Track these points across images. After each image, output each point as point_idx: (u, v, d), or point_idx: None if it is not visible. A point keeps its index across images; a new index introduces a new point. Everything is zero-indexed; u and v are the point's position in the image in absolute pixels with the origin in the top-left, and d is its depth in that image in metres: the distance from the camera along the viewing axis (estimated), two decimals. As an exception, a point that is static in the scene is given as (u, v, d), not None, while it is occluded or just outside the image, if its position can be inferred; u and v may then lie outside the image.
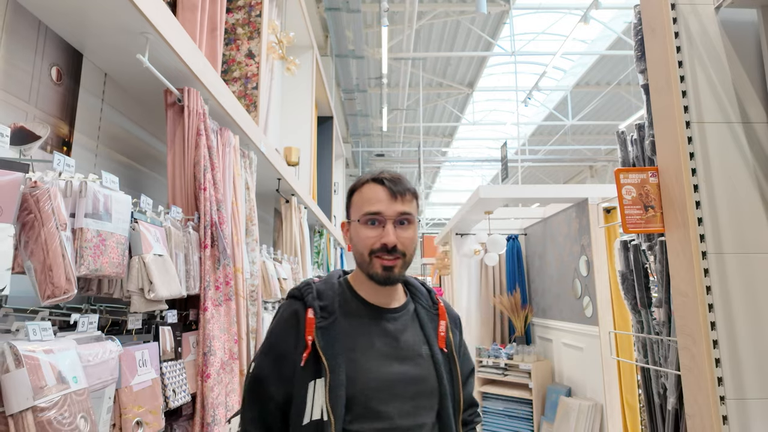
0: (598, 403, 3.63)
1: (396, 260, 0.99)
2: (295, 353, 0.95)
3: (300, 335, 0.96)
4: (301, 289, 1.02)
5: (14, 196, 0.96)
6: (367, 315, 1.02)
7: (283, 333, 0.98)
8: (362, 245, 1.00)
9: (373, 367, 0.96)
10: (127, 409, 1.24)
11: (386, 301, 1.05)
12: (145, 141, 1.99)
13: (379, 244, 0.98)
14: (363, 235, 1.00)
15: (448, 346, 1.05)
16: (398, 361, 0.98)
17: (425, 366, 1.00)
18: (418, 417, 0.97)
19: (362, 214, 1.00)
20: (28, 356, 0.94)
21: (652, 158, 1.61)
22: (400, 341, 1.01)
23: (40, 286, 1.02)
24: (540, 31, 9.81)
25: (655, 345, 1.76)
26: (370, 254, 0.99)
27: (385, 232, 0.98)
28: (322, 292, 1.01)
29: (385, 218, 0.99)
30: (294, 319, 0.99)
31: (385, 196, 1.00)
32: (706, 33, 1.41)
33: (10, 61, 1.30)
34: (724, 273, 1.30)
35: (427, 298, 1.12)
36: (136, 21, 1.39)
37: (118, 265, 1.24)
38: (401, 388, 0.96)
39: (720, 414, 1.23)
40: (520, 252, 5.22)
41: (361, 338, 0.98)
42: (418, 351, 1.01)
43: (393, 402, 0.95)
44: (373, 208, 0.99)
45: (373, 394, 0.94)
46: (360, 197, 1.04)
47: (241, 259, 2.01)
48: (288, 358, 0.96)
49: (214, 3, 2.21)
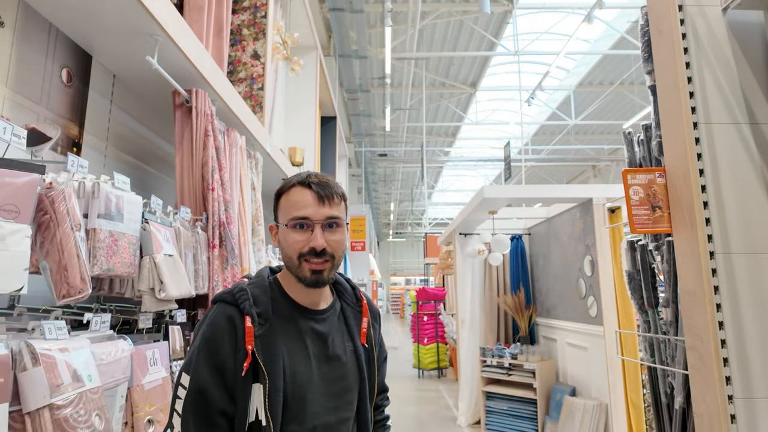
0: (602, 402, 3.63)
1: (325, 263, 1.00)
2: (235, 360, 0.94)
3: (239, 343, 0.94)
4: (235, 294, 1.00)
5: (31, 197, 0.97)
6: (298, 317, 1.03)
7: (220, 340, 0.95)
8: (291, 249, 1.00)
9: (305, 369, 0.99)
10: (139, 407, 1.26)
11: (315, 302, 1.06)
12: (154, 142, 2.00)
13: (307, 247, 0.98)
14: (291, 239, 1.00)
15: (369, 342, 1.11)
16: (326, 362, 1.02)
17: (349, 364, 1.06)
18: (341, 412, 1.02)
19: (290, 218, 1.00)
20: (44, 355, 0.95)
21: (659, 159, 1.62)
22: (328, 341, 1.04)
23: (56, 286, 1.03)
24: (543, 31, 9.81)
25: (662, 344, 1.76)
26: (299, 257, 0.99)
27: (313, 236, 0.99)
28: (257, 298, 1.00)
29: (313, 222, 0.99)
30: (230, 325, 0.96)
31: (312, 200, 1.00)
32: (714, 34, 1.41)
33: (22, 63, 1.31)
34: (732, 273, 1.30)
35: (351, 295, 1.15)
36: (146, 23, 1.40)
37: (129, 264, 1.26)
38: (328, 387, 1.01)
39: (728, 413, 1.23)
40: (524, 252, 5.22)
41: (293, 341, 1.00)
42: (344, 349, 1.06)
43: (321, 401, 0.99)
44: (301, 213, 0.99)
45: (305, 395, 0.97)
46: (287, 201, 1.03)
47: (248, 259, 2.02)
48: (228, 364, 0.94)
49: (220, 4, 2.22)
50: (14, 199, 0.94)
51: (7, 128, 0.96)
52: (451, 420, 5.23)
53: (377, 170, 16.27)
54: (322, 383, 1.00)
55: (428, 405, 5.99)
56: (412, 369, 8.53)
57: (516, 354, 4.56)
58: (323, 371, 1.01)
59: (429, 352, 8.12)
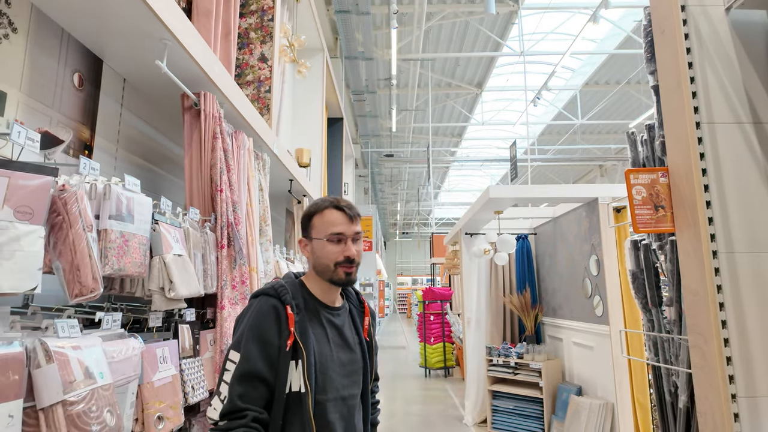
0: (609, 402, 3.63)
1: (353, 267, 1.27)
2: (279, 340, 1.17)
3: (282, 326, 1.19)
4: (276, 289, 1.24)
5: (44, 199, 1.00)
6: (321, 311, 1.29)
7: (266, 324, 1.18)
8: (328, 259, 1.26)
9: (328, 352, 1.24)
10: (149, 404, 1.29)
11: (332, 300, 1.33)
12: (163, 144, 2.03)
13: (342, 257, 1.25)
14: (329, 250, 1.26)
15: (370, 336, 1.39)
16: (341, 348, 1.28)
17: (357, 351, 1.32)
18: (352, 389, 1.29)
19: (329, 234, 1.26)
20: (57, 352, 0.98)
21: (662, 158, 1.62)
22: (343, 332, 1.31)
23: (69, 285, 1.06)
24: (549, 31, 9.78)
25: (666, 343, 1.77)
26: (336, 265, 1.25)
27: (347, 248, 1.26)
28: (293, 293, 1.25)
29: (346, 236, 1.26)
30: (275, 313, 1.20)
31: (344, 219, 1.28)
32: (717, 34, 1.42)
33: (35, 68, 1.34)
34: (735, 272, 1.31)
35: (355, 299, 1.43)
36: (155, 28, 1.43)
37: (140, 264, 1.29)
38: (343, 368, 1.27)
39: (731, 412, 1.24)
40: (530, 251, 5.21)
41: (318, 329, 1.26)
42: (353, 340, 1.33)
43: (339, 378, 1.25)
44: (337, 229, 1.26)
45: (328, 372, 1.22)
46: (322, 220, 1.28)
47: (256, 259, 2.05)
48: (273, 341, 1.17)
49: (228, 8, 2.25)
50: (28, 201, 0.97)
51: (21, 132, 0.99)
52: (458, 419, 5.24)
53: (384, 171, 16.30)
54: (339, 364, 1.26)
55: (435, 404, 6.00)
56: (419, 368, 8.54)
57: (522, 353, 4.56)
58: (339, 355, 1.27)
59: (436, 352, 8.13)
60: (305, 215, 1.34)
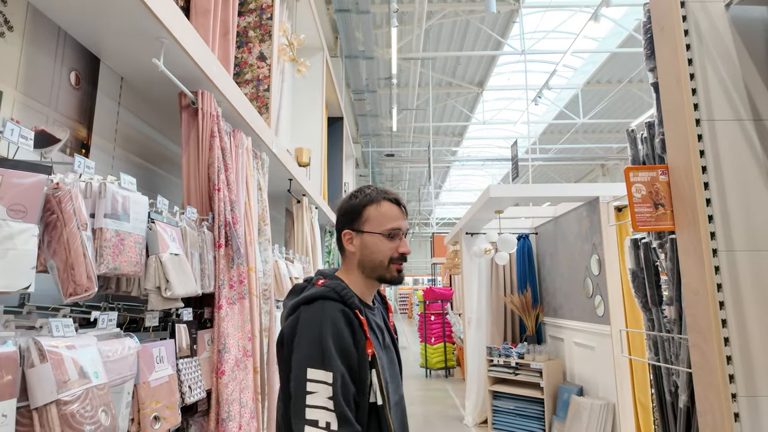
0: (610, 402, 3.61)
1: (403, 264, 1.20)
2: (357, 348, 1.07)
3: (357, 333, 1.08)
4: (339, 292, 1.12)
5: (38, 197, 1.00)
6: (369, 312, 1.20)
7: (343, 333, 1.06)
8: (382, 254, 1.16)
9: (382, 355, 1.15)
10: (145, 404, 1.28)
11: (370, 299, 1.24)
12: (161, 143, 2.03)
13: (397, 253, 1.17)
14: (385, 246, 1.17)
15: (395, 332, 1.32)
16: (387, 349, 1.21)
17: (393, 350, 1.25)
18: (400, 390, 1.21)
19: (386, 229, 1.17)
20: (51, 351, 0.98)
21: (662, 156, 1.61)
22: (384, 331, 1.24)
23: (63, 284, 1.05)
24: (550, 30, 9.75)
25: (666, 343, 1.75)
26: (390, 260, 1.17)
27: (402, 244, 1.18)
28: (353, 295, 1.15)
29: (402, 233, 1.19)
30: (346, 318, 1.08)
31: (400, 214, 1.19)
32: (716, 30, 1.40)
33: (31, 67, 1.34)
34: (735, 270, 1.30)
35: (378, 295, 1.34)
36: (152, 26, 1.42)
37: (136, 264, 1.28)
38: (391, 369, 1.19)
39: (732, 411, 1.23)
40: (531, 251, 5.20)
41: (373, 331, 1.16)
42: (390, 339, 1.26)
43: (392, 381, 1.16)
44: (395, 225, 1.17)
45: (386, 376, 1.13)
46: (378, 213, 1.18)
47: (254, 259, 2.04)
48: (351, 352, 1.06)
49: (226, 7, 2.25)
50: (22, 199, 0.96)
51: (15, 130, 0.98)
52: (458, 419, 5.23)
53: (384, 170, 16.28)
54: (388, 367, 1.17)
55: (435, 404, 5.99)
56: (420, 368, 8.52)
57: (523, 353, 4.55)
58: (389, 356, 1.20)
59: (436, 352, 8.12)
60: (354, 205, 1.20)
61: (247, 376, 1.78)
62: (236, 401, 1.66)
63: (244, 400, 1.72)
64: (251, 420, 1.75)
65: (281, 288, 2.54)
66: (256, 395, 1.88)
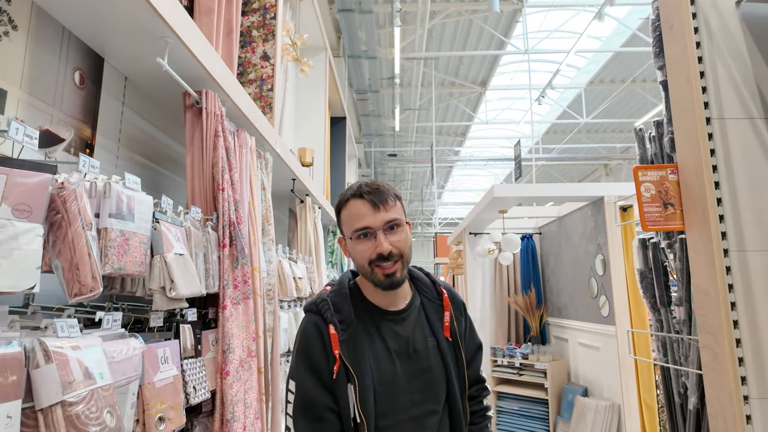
0: (615, 403, 3.59)
1: (395, 265, 1.06)
2: (327, 365, 1.03)
3: (327, 349, 1.03)
4: (318, 304, 1.09)
5: (43, 196, 0.99)
6: (378, 319, 1.10)
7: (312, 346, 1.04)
8: (360, 258, 1.07)
9: (389, 367, 1.05)
10: (150, 404, 1.27)
11: (392, 302, 1.12)
12: (165, 143, 2.02)
13: (374, 254, 1.04)
14: (358, 249, 1.07)
15: (453, 335, 1.14)
16: (408, 358, 1.08)
17: (432, 358, 1.10)
18: (428, 405, 1.07)
19: (353, 231, 1.07)
20: (56, 352, 0.97)
21: (671, 155, 1.60)
22: (409, 339, 1.10)
23: (68, 284, 1.04)
24: (553, 29, 9.72)
25: (675, 344, 1.74)
26: (370, 264, 1.06)
27: (378, 242, 1.04)
28: (338, 305, 1.08)
29: (374, 229, 1.05)
30: (318, 333, 1.05)
31: (368, 209, 1.06)
32: (727, 28, 1.39)
33: (36, 66, 1.33)
34: (747, 270, 1.28)
35: (432, 289, 1.19)
36: (156, 25, 1.41)
37: (140, 264, 1.27)
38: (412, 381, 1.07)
39: (743, 413, 1.21)
40: (535, 251, 5.18)
41: (376, 341, 1.07)
42: (425, 345, 1.11)
43: (407, 395, 1.05)
44: (361, 224, 1.05)
45: (392, 391, 1.04)
46: (347, 215, 1.09)
47: (258, 259, 2.03)
48: (322, 366, 1.03)
49: (230, 6, 2.24)
50: (26, 199, 0.95)
51: (19, 129, 0.97)
52: (462, 420, 5.21)
53: (387, 170, 16.26)
54: (406, 379, 1.06)
55: (439, 405, 5.97)
56: (423, 369, 8.49)
57: (527, 354, 4.53)
58: (406, 367, 1.07)
59: (440, 353, 8.09)
60: (335, 209, 1.15)
61: (252, 377, 1.77)
62: (241, 402, 1.65)
63: (248, 400, 1.71)
64: (256, 421, 1.74)
65: (285, 288, 2.53)
66: (260, 396, 1.87)
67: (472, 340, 1.23)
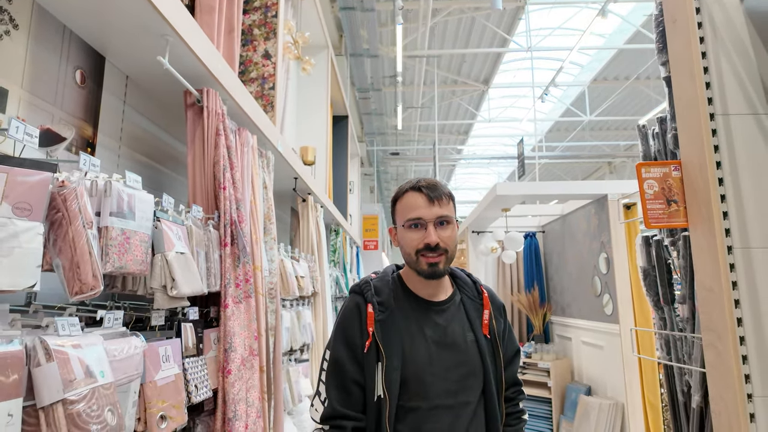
0: (618, 401, 3.58)
1: (440, 257, 1.12)
2: (361, 340, 1.11)
3: (363, 325, 1.12)
4: (361, 286, 1.18)
5: (43, 195, 0.99)
6: (418, 307, 1.17)
7: (350, 322, 1.14)
8: (409, 246, 1.15)
9: (423, 352, 1.12)
10: (151, 403, 1.27)
11: (434, 293, 1.19)
12: (166, 141, 2.02)
13: (422, 244, 1.12)
14: (408, 238, 1.15)
15: (492, 333, 1.19)
16: (445, 348, 1.14)
17: (470, 352, 1.15)
18: (462, 396, 1.13)
19: (406, 220, 1.15)
20: (57, 350, 0.97)
21: (675, 152, 1.58)
22: (447, 330, 1.16)
23: (68, 283, 1.04)
24: (556, 26, 9.69)
25: (678, 342, 1.73)
26: (416, 253, 1.13)
27: (427, 233, 1.12)
28: (379, 289, 1.17)
29: (426, 221, 1.13)
30: (357, 311, 1.14)
31: (423, 202, 1.14)
32: (731, 22, 1.37)
33: (36, 65, 1.33)
34: (751, 268, 1.27)
35: (472, 289, 1.26)
36: (157, 24, 1.41)
37: (141, 262, 1.27)
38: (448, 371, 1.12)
39: (747, 412, 1.20)
40: (538, 249, 5.17)
41: (413, 328, 1.14)
42: (463, 338, 1.16)
43: (441, 383, 1.11)
44: (415, 214, 1.14)
45: (424, 376, 1.10)
46: (402, 205, 1.18)
47: (260, 257, 2.03)
48: (357, 343, 1.11)
49: (231, 5, 2.24)
50: (27, 198, 0.95)
51: (19, 127, 0.97)
52: (465, 419, 5.21)
53: (389, 169, 16.25)
54: (441, 367, 1.12)
55: (442, 404, 5.97)
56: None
57: (530, 352, 4.52)
58: (442, 356, 1.13)
59: (443, 351, 8.09)
60: (391, 201, 1.24)
61: (254, 375, 1.77)
62: (243, 400, 1.65)
63: (250, 399, 1.71)
64: (258, 419, 1.74)
65: (287, 287, 2.53)
66: (262, 394, 1.87)
67: (511, 342, 1.28)
